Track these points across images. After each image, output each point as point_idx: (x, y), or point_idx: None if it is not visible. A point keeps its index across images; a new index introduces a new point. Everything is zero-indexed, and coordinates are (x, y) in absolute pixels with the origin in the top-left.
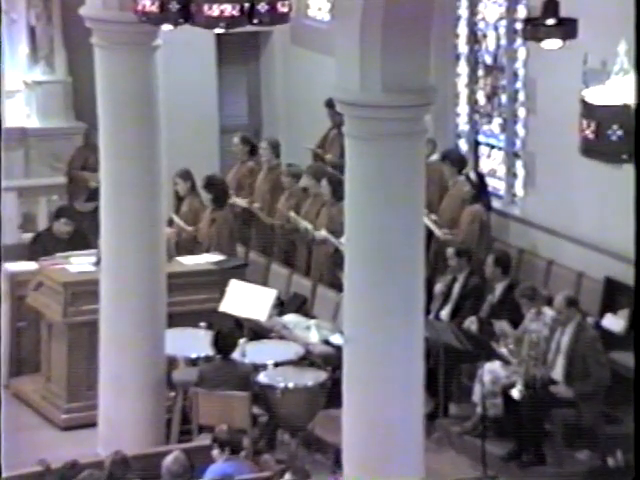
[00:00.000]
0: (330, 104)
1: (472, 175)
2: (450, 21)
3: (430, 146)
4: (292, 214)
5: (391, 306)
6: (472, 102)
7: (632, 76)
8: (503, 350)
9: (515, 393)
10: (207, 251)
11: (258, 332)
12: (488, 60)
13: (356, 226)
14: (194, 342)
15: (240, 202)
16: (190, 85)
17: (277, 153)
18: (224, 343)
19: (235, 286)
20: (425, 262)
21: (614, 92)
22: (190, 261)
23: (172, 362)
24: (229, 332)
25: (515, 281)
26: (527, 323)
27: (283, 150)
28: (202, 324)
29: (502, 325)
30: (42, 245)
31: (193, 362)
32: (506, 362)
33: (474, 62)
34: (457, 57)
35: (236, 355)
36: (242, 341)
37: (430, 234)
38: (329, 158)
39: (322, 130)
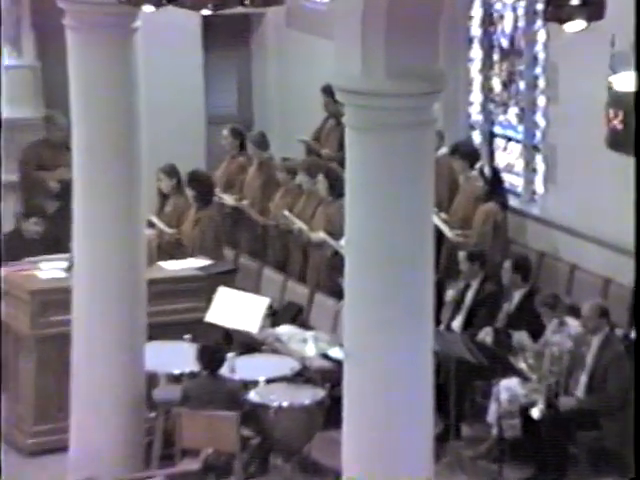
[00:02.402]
0: (327, 91)
1: (486, 170)
2: (463, 2)
3: (439, 138)
4: (286, 213)
5: (397, 316)
6: (486, 90)
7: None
8: (522, 365)
9: (535, 413)
10: (192, 255)
11: (248, 345)
12: (504, 43)
13: (357, 227)
14: (177, 356)
15: (228, 199)
16: (174, 72)
17: (264, 147)
18: (211, 357)
19: (223, 294)
20: (434, 266)
21: None
22: (173, 266)
23: (153, 379)
24: (216, 345)
25: (535, 288)
26: (549, 335)
27: (276, 143)
28: (186, 336)
29: (521, 337)
30: (8, 248)
31: (176, 379)
32: (525, 378)
33: (489, 46)
34: (470, 40)
35: (224, 371)
36: (231, 355)
37: (440, 235)
38: (326, 151)
39: (318, 121)
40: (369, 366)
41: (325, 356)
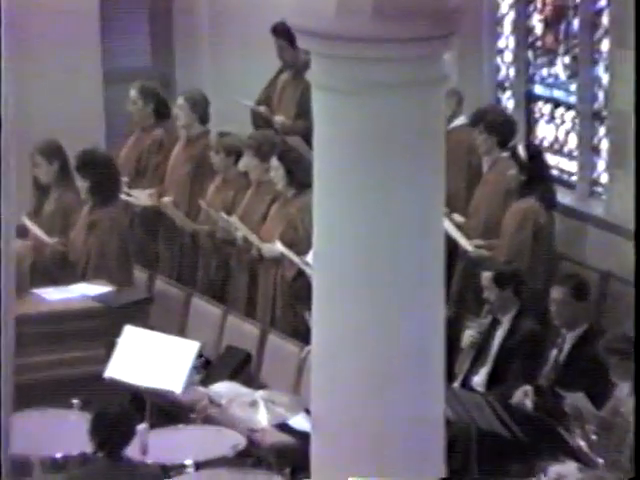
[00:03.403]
0: (281, 32)
1: (522, 150)
2: None
3: (453, 103)
4: (225, 216)
5: (389, 369)
6: (523, 31)
7: None
8: (580, 442)
9: None
10: (84, 278)
11: (169, 412)
12: None
13: (330, 234)
14: (60, 432)
15: (138, 194)
16: (55, 4)
17: (203, 115)
18: (111, 432)
19: (131, 336)
20: (445, 295)
21: None
22: (56, 295)
23: (23, 467)
24: (120, 413)
25: (597, 326)
26: (621, 397)
27: (214, 110)
28: (75, 401)
29: (577, 400)
30: None
31: (59, 465)
32: (585, 463)
33: None
34: None
35: (132, 451)
36: (142, 427)
37: (453, 248)
38: (280, 119)
39: (269, 75)
40: (348, 442)
41: (283, 427)
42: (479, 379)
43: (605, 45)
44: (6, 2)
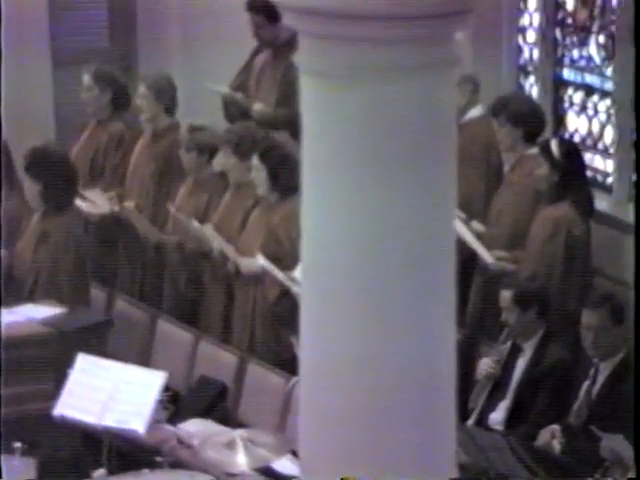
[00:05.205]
0: (256, 7)
1: (554, 146)
2: None
3: (468, 90)
4: (197, 224)
5: (389, 403)
6: (551, 5)
7: None
8: None
9: None
10: (32, 297)
11: (131, 455)
12: None
13: (321, 246)
14: None
15: (97, 200)
16: None
17: (170, 105)
18: (60, 477)
19: (85, 366)
20: (460, 315)
21: None
22: None
23: None
24: (72, 458)
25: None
26: None
27: (181, 99)
28: (17, 445)
29: (616, 442)
30: None
31: None
32: None
33: None
34: None
35: None
36: (98, 474)
37: (470, 260)
38: (259, 108)
39: (243, 56)
40: None
41: (266, 471)
42: (497, 416)
43: None
44: None
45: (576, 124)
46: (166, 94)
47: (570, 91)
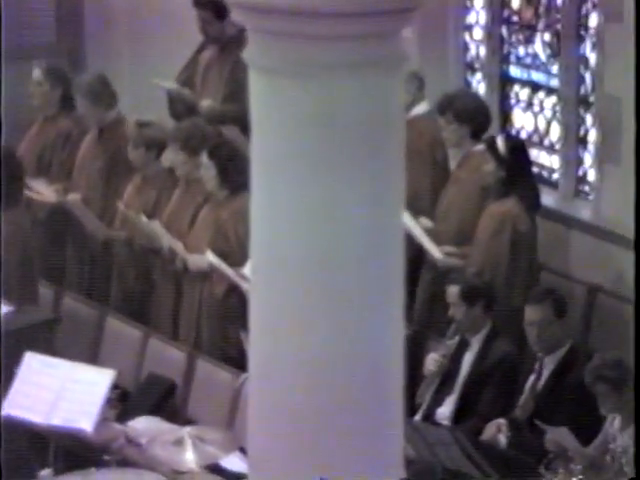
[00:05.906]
0: (203, 2)
1: (500, 142)
2: None
3: (413, 87)
4: (146, 220)
5: (339, 399)
6: (498, 4)
7: None
8: None
9: None
10: None
11: (78, 454)
12: None
13: (270, 242)
14: None
15: (43, 191)
16: None
17: (105, 102)
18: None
19: (32, 364)
20: (405, 311)
21: None
22: None
23: None
24: (18, 458)
25: (582, 348)
26: (612, 431)
27: (126, 95)
28: None
29: (560, 435)
30: None
31: None
32: None
33: None
34: None
35: None
36: (45, 474)
37: (418, 256)
38: (207, 104)
39: (189, 50)
40: None
41: (215, 469)
42: (445, 411)
43: (593, 20)
44: None
45: (522, 121)
46: (108, 93)
47: (516, 88)
